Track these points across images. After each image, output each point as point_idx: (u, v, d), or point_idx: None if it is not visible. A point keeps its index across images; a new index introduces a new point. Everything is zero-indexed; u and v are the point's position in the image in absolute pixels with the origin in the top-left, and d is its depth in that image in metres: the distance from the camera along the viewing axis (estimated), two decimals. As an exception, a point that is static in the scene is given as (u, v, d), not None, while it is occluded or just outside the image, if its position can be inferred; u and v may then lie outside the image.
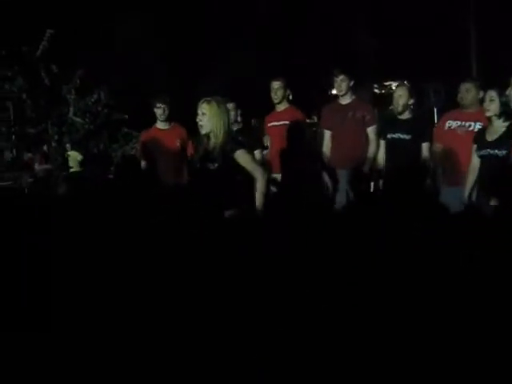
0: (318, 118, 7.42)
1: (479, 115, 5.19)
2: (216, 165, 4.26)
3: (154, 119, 6.38)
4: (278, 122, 5.98)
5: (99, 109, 11.52)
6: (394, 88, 27.12)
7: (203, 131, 4.31)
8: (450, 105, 6.10)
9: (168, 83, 12.94)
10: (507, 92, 4.41)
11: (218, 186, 4.26)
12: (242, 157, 4.22)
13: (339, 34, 18.66)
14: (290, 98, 6.06)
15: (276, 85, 5.99)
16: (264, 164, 5.79)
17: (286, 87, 6.01)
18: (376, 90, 27.53)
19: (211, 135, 4.29)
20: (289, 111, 6.01)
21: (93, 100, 11.47)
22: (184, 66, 16.18)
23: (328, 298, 3.26)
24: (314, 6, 17.86)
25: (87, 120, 11.42)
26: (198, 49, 16.48)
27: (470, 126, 5.33)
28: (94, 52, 13.25)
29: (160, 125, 6.20)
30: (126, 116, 11.90)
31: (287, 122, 5.89)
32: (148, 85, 14.65)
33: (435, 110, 11.12)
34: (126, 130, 11.84)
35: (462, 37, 15.27)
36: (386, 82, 27.99)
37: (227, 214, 4.22)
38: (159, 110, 6.10)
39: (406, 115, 5.58)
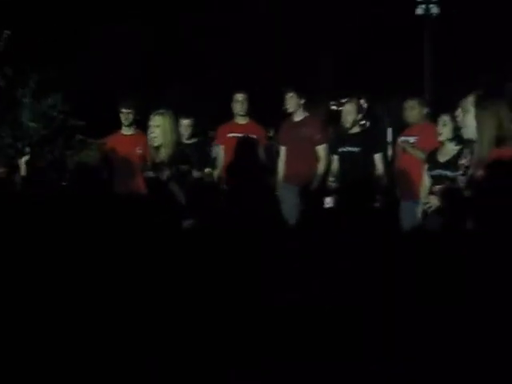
0: (275, 133, 7.51)
1: (420, 131, 5.46)
2: (165, 176, 4.31)
3: (114, 126, 6.31)
4: (239, 133, 6.01)
5: (55, 114, 11.33)
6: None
7: (156, 143, 4.39)
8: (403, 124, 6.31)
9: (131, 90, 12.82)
10: (456, 113, 4.57)
11: (169, 195, 4.33)
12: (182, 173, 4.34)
13: (298, 50, 18.89)
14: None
15: (241, 97, 6.03)
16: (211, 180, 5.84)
17: (248, 100, 6.07)
18: (333, 107, 27.98)
19: (162, 147, 4.36)
20: (252, 125, 6.06)
21: (48, 105, 11.28)
22: (149, 75, 16.12)
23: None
24: (271, 21, 18.04)
25: (41, 125, 11.22)
26: (161, 59, 16.46)
27: (407, 141, 5.76)
28: (52, 55, 13.08)
29: (124, 130, 6.12)
30: (83, 122, 11.74)
31: (250, 135, 5.94)
32: (110, 91, 14.58)
33: (391, 129, 11.34)
34: (80, 136, 11.67)
35: (417, 58, 15.65)
36: (343, 99, 28.53)
37: (185, 223, 4.28)
38: (123, 116, 6.02)
39: (355, 129, 5.75)
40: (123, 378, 3.21)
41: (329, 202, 5.65)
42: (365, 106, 6.04)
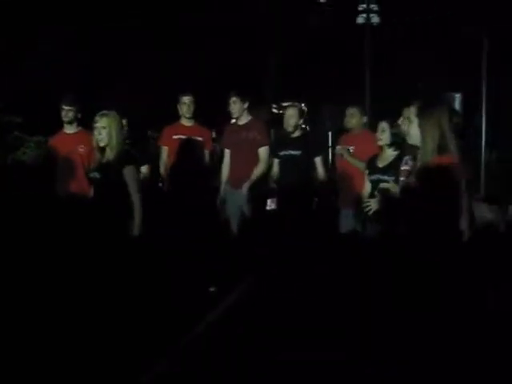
0: (216, 134, 7.50)
1: (357, 138, 5.68)
2: (107, 175, 4.28)
3: (55, 124, 6.16)
4: (185, 135, 5.97)
5: (-12, 110, 10.99)
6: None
7: (102, 144, 4.34)
8: (344, 129, 6.42)
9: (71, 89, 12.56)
10: (399, 121, 4.68)
11: (107, 196, 4.31)
12: (129, 173, 4.28)
13: (240, 53, 18.95)
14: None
15: (187, 99, 6.00)
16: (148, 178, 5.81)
17: (194, 103, 6.04)
18: (275, 110, 28.20)
19: (108, 148, 4.33)
20: (198, 128, 6.04)
21: (-19, 100, 10.94)
22: (87, 73, 15.83)
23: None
24: (215, 23, 18.03)
25: (-26, 121, 10.87)
26: (102, 57, 16.20)
27: (348, 149, 5.88)
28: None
29: (66, 129, 5.95)
30: (19, 119, 11.43)
31: (195, 138, 5.92)
32: (50, 88, 14.25)
33: (330, 133, 11.55)
34: (17, 133, 11.35)
35: (358, 63, 15.94)
36: (285, 102, 28.78)
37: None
38: (63, 112, 5.86)
39: (297, 133, 5.84)
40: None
41: (270, 204, 5.68)
42: (305, 110, 6.15)
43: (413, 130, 3.32)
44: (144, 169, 5.66)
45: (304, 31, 18.08)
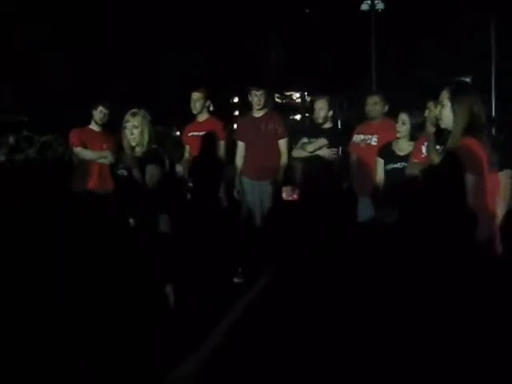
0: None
1: (385, 127, 5.52)
2: (134, 173, 4.29)
3: (56, 123, 6.20)
4: (199, 132, 5.99)
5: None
6: (294, 98, 27.64)
7: (133, 143, 4.34)
8: (353, 117, 6.36)
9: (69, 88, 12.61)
10: (425, 114, 4.67)
11: (133, 193, 4.33)
12: (148, 171, 4.30)
13: (242, 43, 18.90)
14: (211, 108, 6.08)
15: (195, 96, 6.00)
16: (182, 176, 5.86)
17: (205, 98, 6.03)
18: (277, 100, 28.17)
19: (138, 147, 4.34)
20: (209, 122, 6.02)
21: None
22: (87, 70, 15.84)
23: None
24: (217, 16, 17.99)
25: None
26: (100, 54, 16.20)
27: (368, 139, 5.70)
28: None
29: (94, 127, 6.09)
30: (26, 118, 11.47)
31: (206, 132, 5.92)
32: (50, 88, 14.26)
33: (339, 121, 11.52)
34: (26, 132, 11.39)
35: (363, 52, 15.88)
36: (288, 92, 28.74)
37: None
38: (100, 114, 6.03)
39: (327, 125, 5.79)
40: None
41: (291, 194, 5.69)
42: (308, 99, 6.07)
43: (445, 114, 3.33)
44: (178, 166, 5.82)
45: (307, 19, 18.04)
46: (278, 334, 3.74)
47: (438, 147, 4.43)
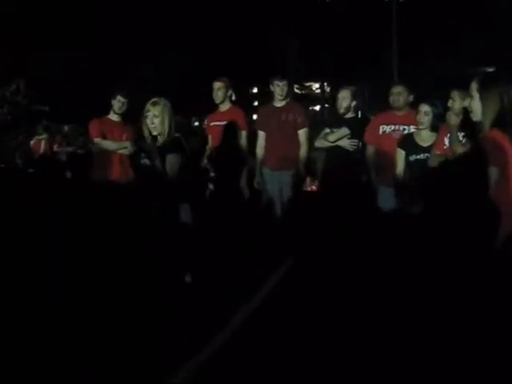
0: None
1: (410, 118, 5.40)
2: (156, 162, 4.26)
3: (76, 112, 6.21)
4: (221, 122, 5.96)
5: (18, 99, 11.08)
6: (313, 89, 27.50)
7: (155, 132, 4.32)
8: (374, 106, 6.27)
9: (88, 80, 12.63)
10: (449, 104, 4.59)
11: (155, 182, 4.31)
12: (169, 160, 4.28)
13: (261, 34, 18.80)
14: (233, 98, 6.04)
15: (217, 85, 5.96)
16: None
17: (227, 87, 5.99)
18: (297, 91, 28.04)
19: (160, 136, 4.31)
20: (232, 111, 5.99)
21: (11, 90, 11.02)
22: (103, 63, 15.87)
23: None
24: (236, 7, 17.91)
25: (5, 111, 10.96)
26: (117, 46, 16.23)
27: (404, 129, 5.52)
28: (15, 42, 12.78)
29: (113, 117, 6.08)
30: (47, 108, 11.51)
31: (227, 122, 5.89)
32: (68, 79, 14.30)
33: (359, 112, 11.34)
34: (45, 122, 11.45)
35: (383, 41, 15.73)
36: (307, 82, 28.59)
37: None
38: (118, 103, 6.02)
39: (349, 115, 5.72)
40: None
41: (308, 184, 5.66)
42: (327, 89, 5.97)
43: (475, 105, 3.25)
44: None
45: (327, 8, 17.90)
46: (288, 332, 3.69)
47: (461, 139, 4.36)
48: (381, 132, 5.60)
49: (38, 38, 14.35)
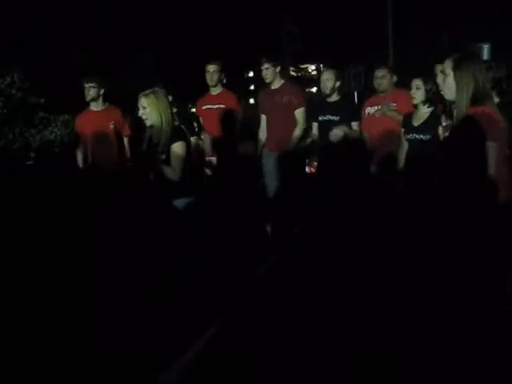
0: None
1: (394, 95, 5.54)
2: (163, 156, 4.24)
3: (74, 103, 6.15)
4: (213, 105, 5.97)
5: (13, 92, 11.01)
6: (310, 71, 27.38)
7: (148, 124, 4.31)
8: (370, 88, 6.28)
9: (89, 68, 12.53)
10: (437, 80, 4.57)
11: (157, 173, 4.29)
12: (174, 150, 4.23)
13: (257, 17, 18.70)
14: (224, 81, 6.05)
15: (212, 68, 5.97)
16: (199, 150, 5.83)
17: (221, 71, 5.99)
18: (293, 73, 27.90)
19: (155, 127, 4.28)
20: (224, 95, 6.00)
21: (6, 83, 10.95)
22: (105, 51, 15.77)
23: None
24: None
25: (0, 104, 10.90)
26: (119, 34, 16.14)
27: (388, 104, 5.58)
28: (9, 34, 12.71)
29: (93, 106, 5.89)
30: (43, 100, 11.45)
31: (222, 106, 5.90)
32: (68, 69, 14.23)
33: (355, 93, 11.37)
34: (42, 114, 11.40)
35: (379, 22, 15.62)
36: (303, 64, 28.44)
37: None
38: (86, 91, 5.79)
39: (334, 97, 5.73)
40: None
41: (309, 167, 5.67)
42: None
43: (449, 83, 3.23)
44: (192, 139, 5.70)
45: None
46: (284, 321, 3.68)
47: (444, 123, 4.35)
48: (366, 114, 5.71)
49: (34, 30, 14.32)
